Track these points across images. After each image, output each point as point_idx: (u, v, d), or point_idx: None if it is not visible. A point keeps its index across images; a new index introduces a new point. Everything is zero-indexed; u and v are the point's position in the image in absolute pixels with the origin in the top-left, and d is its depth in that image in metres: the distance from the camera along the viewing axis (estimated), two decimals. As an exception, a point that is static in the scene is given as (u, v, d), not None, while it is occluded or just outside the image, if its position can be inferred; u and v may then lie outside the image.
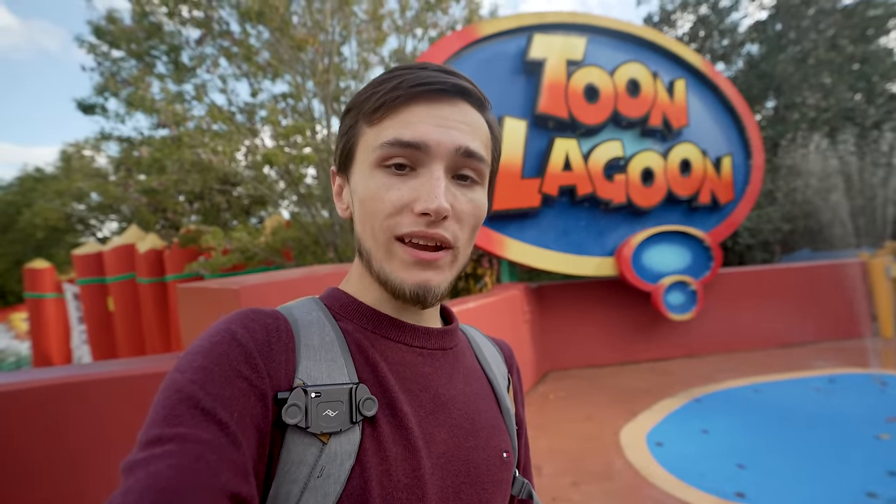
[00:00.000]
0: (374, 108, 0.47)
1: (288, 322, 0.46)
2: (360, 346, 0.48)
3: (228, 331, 0.42)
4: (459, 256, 0.49)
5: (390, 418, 0.45)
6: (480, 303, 3.85)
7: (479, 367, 0.58)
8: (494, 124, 0.53)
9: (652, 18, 12.95)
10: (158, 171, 7.43)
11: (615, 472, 2.94)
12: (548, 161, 5.16)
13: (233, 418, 0.37)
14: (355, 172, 0.51)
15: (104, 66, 8.46)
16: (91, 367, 2.10)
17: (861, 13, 10.72)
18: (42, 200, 14.27)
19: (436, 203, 0.44)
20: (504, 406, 0.56)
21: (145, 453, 0.34)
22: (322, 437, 0.41)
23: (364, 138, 0.49)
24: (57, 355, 9.10)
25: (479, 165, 0.49)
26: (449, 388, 0.51)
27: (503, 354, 0.64)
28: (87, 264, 7.87)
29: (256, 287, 2.11)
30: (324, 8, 6.69)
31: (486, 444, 0.51)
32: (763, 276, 6.27)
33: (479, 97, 0.50)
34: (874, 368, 4.81)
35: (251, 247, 6.25)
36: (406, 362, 0.49)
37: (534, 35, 5.20)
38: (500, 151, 0.55)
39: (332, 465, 0.40)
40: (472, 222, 0.49)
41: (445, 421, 0.48)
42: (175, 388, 0.38)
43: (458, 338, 0.57)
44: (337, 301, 0.52)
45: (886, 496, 2.45)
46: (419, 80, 0.47)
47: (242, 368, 0.40)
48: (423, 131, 0.46)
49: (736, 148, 6.28)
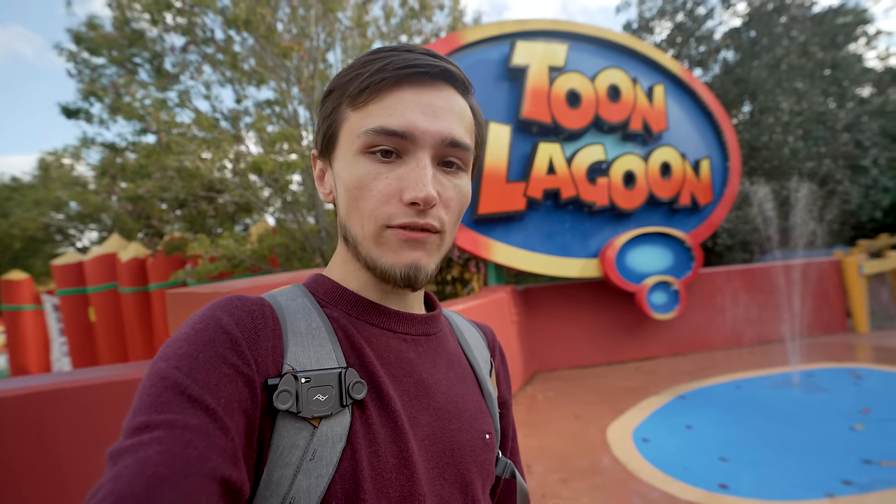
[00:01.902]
0: (359, 90, 0.47)
1: (273, 309, 0.46)
2: (346, 331, 0.48)
3: (213, 317, 0.42)
4: (445, 240, 0.50)
5: (377, 402, 0.46)
6: (468, 305, 3.89)
7: (461, 351, 0.59)
8: (477, 109, 0.53)
9: (631, 25, 13.25)
10: (143, 178, 7.34)
11: (603, 468, 3.00)
12: (532, 165, 5.25)
13: (220, 404, 0.37)
14: (339, 157, 0.50)
15: (84, 74, 8.34)
16: (73, 374, 2.09)
17: (830, 21, 11.13)
18: (19, 210, 13.92)
19: (424, 192, 0.45)
20: (486, 389, 0.57)
21: (133, 440, 0.34)
22: (313, 420, 0.41)
23: (348, 122, 0.48)
24: (35, 368, 8.85)
25: (465, 154, 0.49)
26: (432, 373, 0.51)
27: (486, 338, 0.65)
28: (66, 274, 7.70)
29: (246, 292, 2.12)
30: (308, 15, 6.72)
31: (468, 426, 0.52)
32: (743, 276, 6.44)
33: (464, 82, 0.50)
34: (849, 362, 4.98)
35: (238, 254, 6.21)
36: (391, 348, 0.50)
37: (516, 42, 5.31)
38: (483, 136, 0.55)
39: (324, 448, 0.41)
40: (457, 208, 0.50)
41: (429, 404, 0.49)
42: (160, 376, 0.37)
43: (442, 323, 0.58)
44: (321, 287, 0.52)
45: (861, 483, 2.55)
46: (405, 63, 0.46)
47: (228, 355, 0.40)
48: (410, 119, 0.46)
49: (714, 151, 6.46)
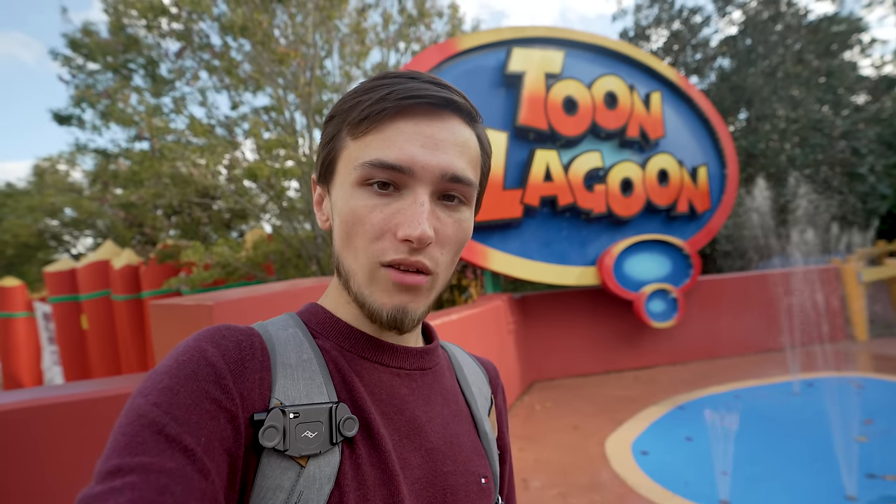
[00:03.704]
0: (359, 119, 0.45)
1: (263, 339, 0.44)
2: (338, 364, 0.46)
3: (198, 349, 0.39)
4: (438, 282, 0.48)
5: (368, 440, 0.43)
6: (464, 314, 3.83)
7: (458, 388, 0.56)
8: (485, 138, 0.51)
9: (628, 33, 13.33)
10: (136, 185, 7.29)
11: (602, 483, 2.93)
12: (529, 172, 5.22)
13: (200, 444, 0.35)
14: (336, 186, 0.48)
15: (79, 79, 8.31)
16: (62, 389, 2.02)
17: (826, 29, 11.21)
18: (13, 216, 13.83)
19: (419, 231, 0.42)
20: (482, 430, 0.54)
21: (103, 486, 0.32)
22: (300, 460, 0.39)
23: (346, 151, 0.47)
24: (27, 376, 8.75)
25: (466, 189, 0.47)
26: (426, 411, 0.49)
27: (487, 375, 0.62)
28: (59, 281, 7.62)
29: (232, 303, 2.06)
30: (306, 22, 6.71)
31: (463, 469, 0.49)
32: (741, 283, 6.40)
33: (470, 111, 0.48)
34: (850, 372, 4.93)
35: (232, 261, 6.14)
36: (382, 383, 0.47)
37: (513, 49, 5.29)
38: (489, 166, 0.52)
39: (311, 490, 0.38)
40: (455, 246, 0.48)
41: (422, 445, 0.47)
42: (137, 413, 0.35)
43: (438, 357, 0.55)
44: (314, 317, 0.50)
45: (866, 499, 2.49)
46: (408, 93, 0.44)
47: (211, 389, 0.37)
48: (409, 153, 0.44)
49: (711, 158, 6.45)
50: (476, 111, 0.49)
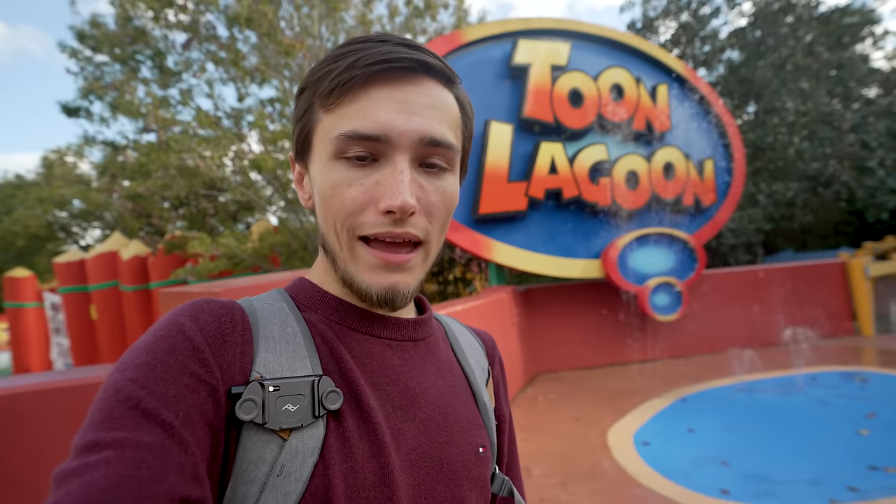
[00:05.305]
0: (329, 90, 0.43)
1: (244, 312, 0.43)
2: (325, 337, 0.45)
3: (176, 323, 0.39)
4: (431, 252, 0.47)
5: (356, 413, 0.42)
6: (468, 306, 3.86)
7: (454, 358, 0.55)
8: (465, 99, 0.49)
9: (635, 25, 13.18)
10: (144, 177, 7.35)
11: (603, 472, 2.96)
12: (534, 164, 5.21)
13: (178, 418, 0.34)
14: (314, 162, 0.46)
15: (87, 71, 8.36)
16: (69, 373, 2.06)
17: (837, 21, 11.03)
18: (22, 208, 13.99)
19: (400, 200, 0.41)
20: (480, 400, 0.54)
21: (79, 461, 0.31)
22: (282, 433, 0.38)
23: (321, 125, 0.45)
24: (37, 365, 8.89)
25: (448, 153, 0.45)
26: (420, 381, 0.48)
27: (484, 346, 0.61)
28: (68, 272, 7.72)
29: (240, 290, 2.09)
30: (312, 13, 6.70)
31: (460, 438, 0.48)
32: (746, 277, 6.38)
33: (445, 71, 0.46)
34: (855, 366, 4.92)
35: (238, 252, 6.20)
36: (373, 354, 0.47)
37: (518, 40, 5.26)
38: (471, 129, 0.50)
39: (294, 463, 0.38)
40: (442, 214, 0.46)
41: (416, 415, 0.46)
42: (114, 389, 0.35)
43: (432, 328, 0.54)
44: (302, 291, 0.49)
45: (867, 490, 2.50)
46: (377, 58, 0.41)
47: (189, 363, 0.37)
48: (384, 120, 0.42)
49: (718, 151, 6.40)
50: (453, 72, 0.47)
